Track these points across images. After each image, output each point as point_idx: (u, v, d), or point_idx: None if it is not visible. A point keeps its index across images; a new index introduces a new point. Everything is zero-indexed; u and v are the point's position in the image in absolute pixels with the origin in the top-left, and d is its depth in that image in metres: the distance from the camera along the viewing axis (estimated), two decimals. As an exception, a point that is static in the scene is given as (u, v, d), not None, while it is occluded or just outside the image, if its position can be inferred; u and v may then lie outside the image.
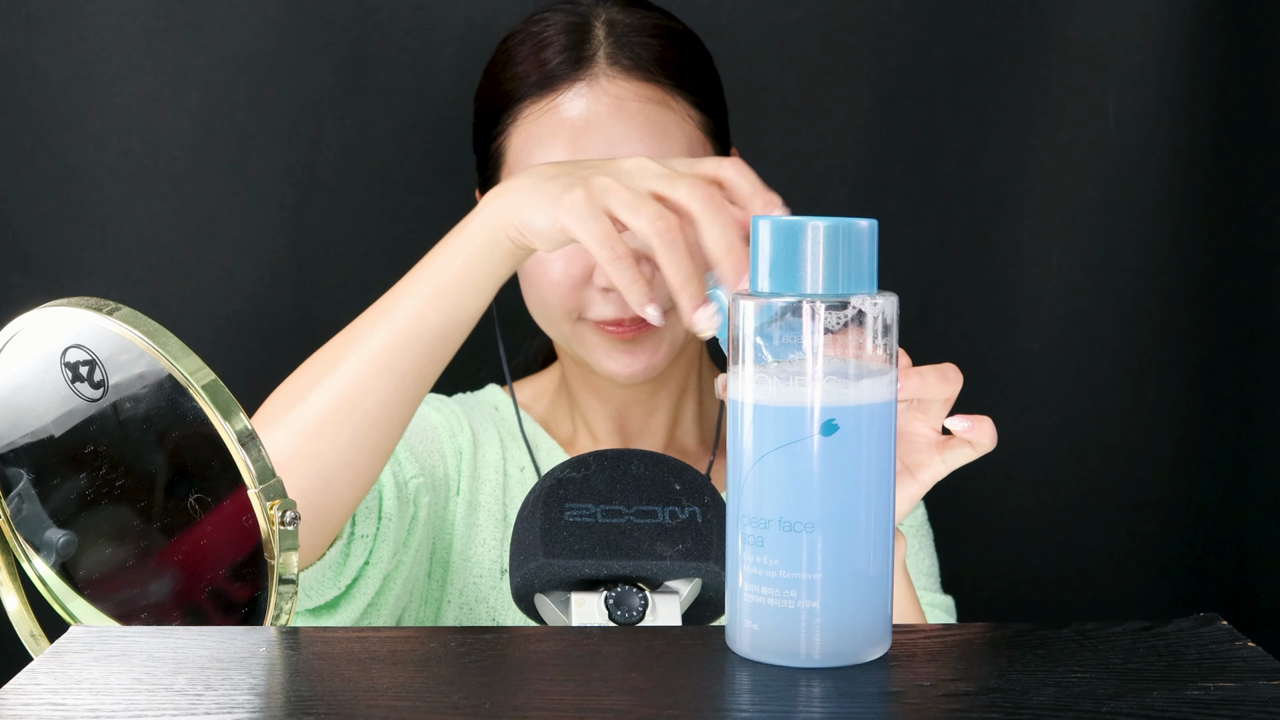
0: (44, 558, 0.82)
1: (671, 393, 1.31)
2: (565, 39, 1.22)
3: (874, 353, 0.67)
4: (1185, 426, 1.63)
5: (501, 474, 1.29)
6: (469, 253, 1.01)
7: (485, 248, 1.00)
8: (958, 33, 1.58)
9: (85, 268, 1.52)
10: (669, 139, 1.20)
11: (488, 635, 0.72)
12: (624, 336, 1.21)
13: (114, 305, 0.77)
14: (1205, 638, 0.69)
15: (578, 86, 1.21)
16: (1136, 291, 1.61)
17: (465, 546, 1.27)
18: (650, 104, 1.21)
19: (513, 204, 0.99)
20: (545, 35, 1.23)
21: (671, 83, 1.22)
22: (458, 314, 1.01)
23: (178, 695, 0.63)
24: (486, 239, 1.00)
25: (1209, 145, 1.58)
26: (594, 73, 1.21)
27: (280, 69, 1.51)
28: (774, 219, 0.68)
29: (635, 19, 1.24)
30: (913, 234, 1.59)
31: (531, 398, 1.36)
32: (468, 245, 1.01)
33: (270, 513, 0.74)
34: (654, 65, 1.22)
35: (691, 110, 1.23)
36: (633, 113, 1.20)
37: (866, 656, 0.67)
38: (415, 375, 1.02)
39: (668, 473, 0.85)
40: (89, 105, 1.50)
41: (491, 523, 1.28)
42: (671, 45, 1.25)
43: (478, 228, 1.01)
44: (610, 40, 1.22)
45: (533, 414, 1.34)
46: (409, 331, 1.01)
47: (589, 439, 1.32)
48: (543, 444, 1.32)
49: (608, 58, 1.21)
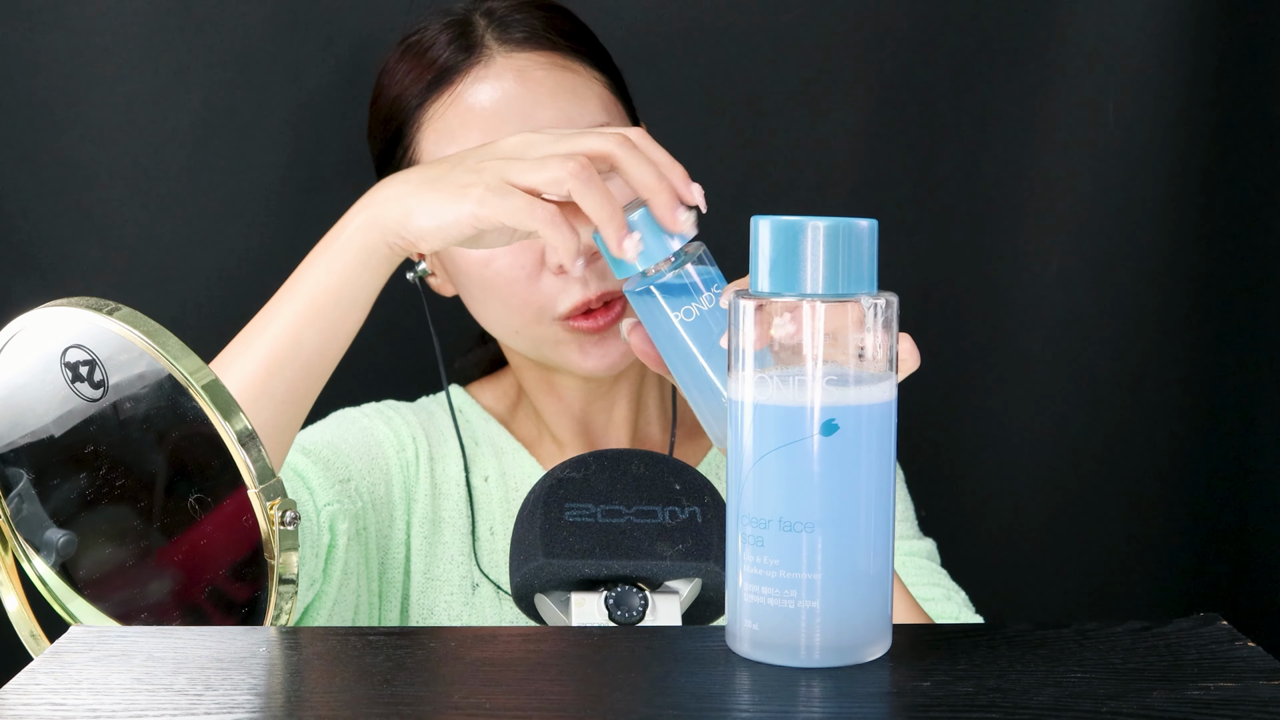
0: (44, 558, 0.82)
1: (631, 384, 1.28)
2: (449, 34, 1.19)
3: (874, 353, 0.67)
4: (1185, 427, 1.63)
5: (463, 486, 1.25)
6: (343, 265, 0.98)
7: (361, 259, 0.98)
8: (958, 33, 1.58)
9: (85, 268, 1.52)
10: (581, 100, 1.17)
11: (488, 635, 0.72)
12: (596, 330, 1.17)
13: (114, 305, 0.77)
14: (1205, 638, 0.69)
15: (475, 71, 1.17)
16: (1136, 292, 1.61)
17: (428, 566, 1.23)
18: (554, 69, 1.18)
19: (392, 212, 0.97)
20: (423, 41, 1.20)
21: (568, 47, 1.19)
22: (336, 330, 0.98)
23: (178, 695, 0.63)
24: (361, 250, 0.98)
25: (1209, 145, 1.58)
26: (488, 54, 1.17)
27: (280, 69, 1.51)
28: (774, 219, 0.68)
29: (512, 2, 1.21)
30: (913, 234, 1.59)
31: (494, 400, 1.32)
32: (341, 258, 0.98)
33: (270, 513, 0.74)
34: (546, 33, 1.19)
35: (595, 73, 1.20)
36: (539, 80, 1.17)
37: (866, 656, 0.67)
38: (294, 397, 0.98)
39: (668, 473, 0.85)
40: (89, 105, 1.50)
41: (458, 538, 1.24)
42: (557, 16, 1.22)
43: (350, 240, 0.98)
44: (494, 24, 1.19)
45: (495, 415, 1.30)
46: (285, 351, 0.98)
47: (553, 442, 1.29)
48: (507, 447, 1.28)
49: (497, 39, 1.18)
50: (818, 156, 1.59)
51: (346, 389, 1.41)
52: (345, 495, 1.17)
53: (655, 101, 1.56)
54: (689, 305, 0.94)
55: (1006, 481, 1.63)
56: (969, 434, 1.63)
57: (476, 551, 1.23)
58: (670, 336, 0.95)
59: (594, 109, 1.17)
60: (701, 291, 0.94)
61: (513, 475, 1.27)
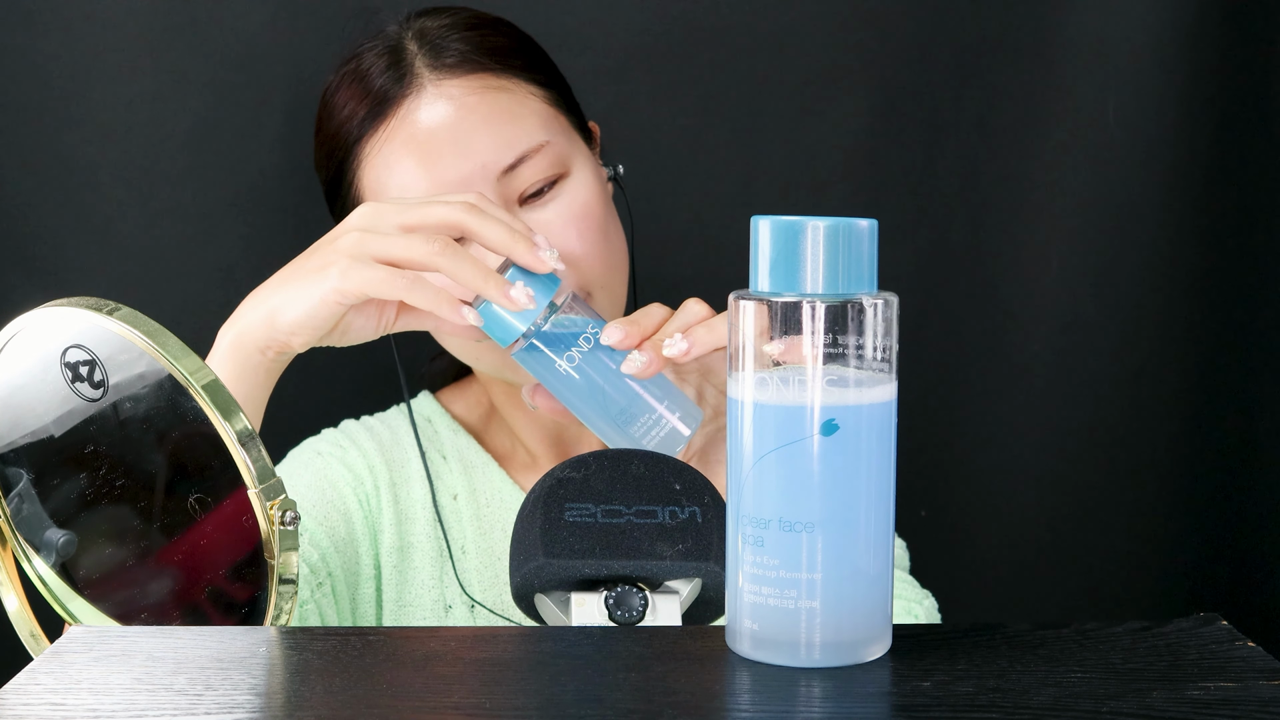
0: (44, 558, 0.82)
1: None
2: (381, 63, 1.17)
3: (874, 353, 0.67)
4: (1185, 427, 1.63)
5: (429, 508, 1.23)
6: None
7: (235, 375, 0.99)
8: (958, 33, 1.58)
9: (85, 268, 1.52)
10: (518, 121, 1.15)
11: (488, 635, 0.72)
12: None
13: (114, 305, 0.77)
14: (1205, 638, 0.69)
15: (408, 102, 1.15)
16: (1136, 291, 1.61)
17: (400, 594, 1.22)
18: (488, 92, 1.16)
19: (256, 318, 0.98)
20: (359, 69, 1.19)
21: (501, 66, 1.17)
22: None
23: (178, 695, 0.63)
24: (235, 368, 0.99)
25: (1209, 145, 1.58)
26: (419, 84, 1.15)
27: (280, 69, 1.51)
28: (774, 219, 0.68)
29: (444, 20, 1.19)
30: (913, 234, 1.59)
31: (465, 409, 1.31)
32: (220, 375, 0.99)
33: (270, 513, 0.74)
34: (478, 55, 1.17)
35: (532, 88, 1.17)
36: (472, 106, 1.15)
37: (866, 656, 0.67)
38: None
39: (668, 473, 0.85)
40: (89, 105, 1.50)
41: (427, 561, 1.22)
42: (489, 33, 1.20)
43: (222, 364, 0.99)
44: (425, 48, 1.17)
45: (466, 426, 1.29)
46: None
47: (526, 455, 1.28)
48: (476, 461, 1.27)
49: (428, 65, 1.16)
50: (818, 156, 1.59)
51: (318, 396, 1.41)
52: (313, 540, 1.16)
53: (655, 101, 1.56)
54: (571, 350, 1.00)
55: (1006, 482, 1.63)
56: (969, 434, 1.63)
57: (456, 572, 1.21)
58: (566, 383, 1.01)
59: (531, 128, 1.15)
60: (580, 332, 1.00)
61: (483, 491, 1.25)
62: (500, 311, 0.99)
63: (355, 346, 1.04)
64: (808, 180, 1.60)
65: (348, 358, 1.47)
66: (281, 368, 1.01)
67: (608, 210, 1.18)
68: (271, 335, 0.98)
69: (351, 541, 1.20)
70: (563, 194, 1.15)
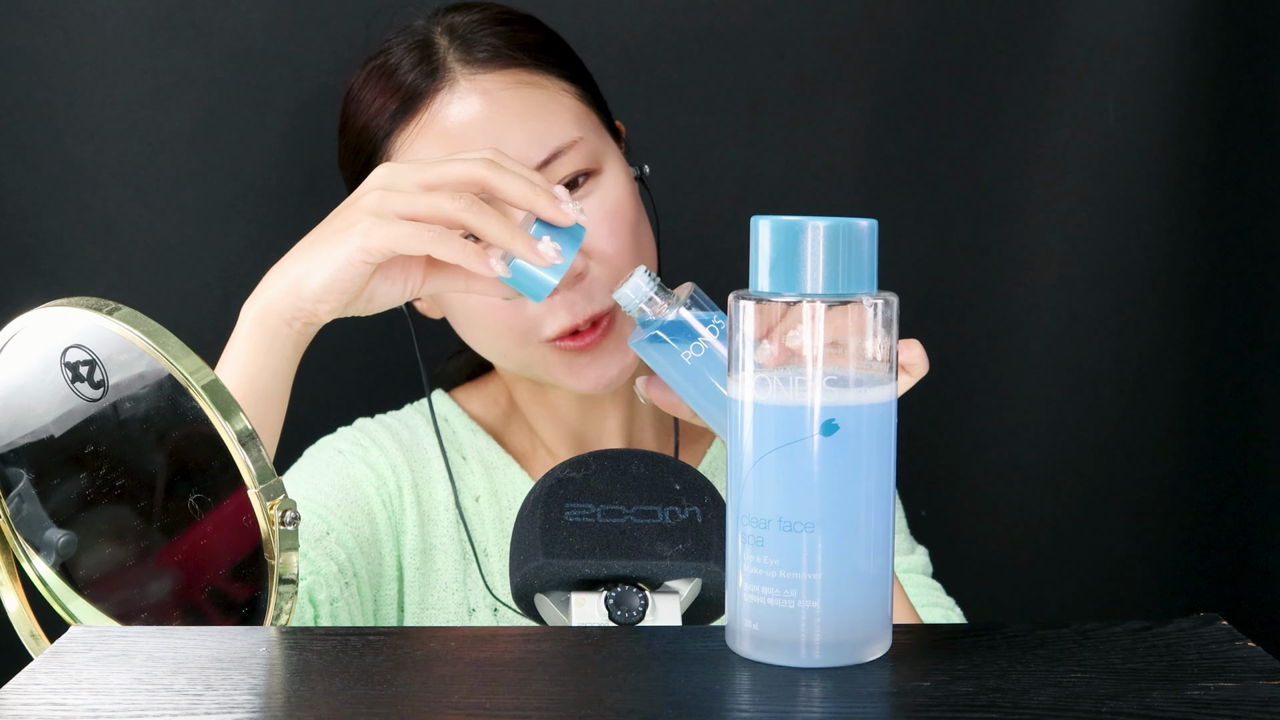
0: (44, 558, 0.82)
1: (623, 392, 1.24)
2: (411, 58, 1.15)
3: (874, 353, 0.67)
4: (1185, 427, 1.63)
5: (453, 510, 1.22)
6: (248, 362, 0.97)
7: (263, 349, 0.97)
8: (958, 33, 1.58)
9: (85, 268, 1.52)
10: (551, 117, 1.14)
11: (487, 635, 0.72)
12: (585, 349, 1.13)
13: (114, 305, 0.77)
14: (1205, 638, 0.69)
15: (440, 96, 1.13)
16: (1137, 291, 1.61)
17: (423, 596, 1.20)
18: (521, 87, 1.14)
19: (280, 289, 0.97)
20: (388, 64, 1.17)
21: (533, 61, 1.15)
22: (260, 422, 0.95)
23: (178, 695, 0.63)
24: (261, 342, 0.97)
25: (1209, 145, 1.58)
26: (452, 77, 1.14)
27: (280, 69, 1.51)
28: (774, 219, 0.68)
29: (474, 16, 1.18)
30: (913, 234, 1.59)
31: (482, 408, 1.29)
32: (244, 355, 0.97)
33: (270, 513, 0.74)
34: (511, 50, 1.15)
35: (564, 84, 1.16)
36: (505, 102, 1.13)
37: (866, 656, 0.67)
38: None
39: (668, 473, 0.85)
40: (89, 105, 1.50)
41: (450, 564, 1.21)
42: (521, 28, 1.18)
43: (248, 338, 0.98)
44: (456, 43, 1.15)
45: (484, 426, 1.27)
46: None
47: (547, 455, 1.26)
48: (497, 462, 1.25)
49: (460, 60, 1.14)
50: (818, 156, 1.59)
51: (333, 395, 1.41)
52: (324, 555, 1.14)
53: (655, 101, 1.56)
54: (696, 342, 0.96)
55: (1006, 482, 1.63)
56: (969, 434, 1.63)
57: (483, 573, 1.20)
58: (690, 375, 0.96)
59: (564, 123, 1.14)
60: (704, 326, 0.97)
61: (504, 493, 1.24)
62: (529, 267, 0.96)
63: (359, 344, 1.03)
64: (808, 180, 1.60)
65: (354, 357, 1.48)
66: (307, 341, 0.99)
67: (638, 209, 1.17)
68: (298, 304, 0.96)
69: (375, 542, 1.19)
70: (595, 191, 1.14)
